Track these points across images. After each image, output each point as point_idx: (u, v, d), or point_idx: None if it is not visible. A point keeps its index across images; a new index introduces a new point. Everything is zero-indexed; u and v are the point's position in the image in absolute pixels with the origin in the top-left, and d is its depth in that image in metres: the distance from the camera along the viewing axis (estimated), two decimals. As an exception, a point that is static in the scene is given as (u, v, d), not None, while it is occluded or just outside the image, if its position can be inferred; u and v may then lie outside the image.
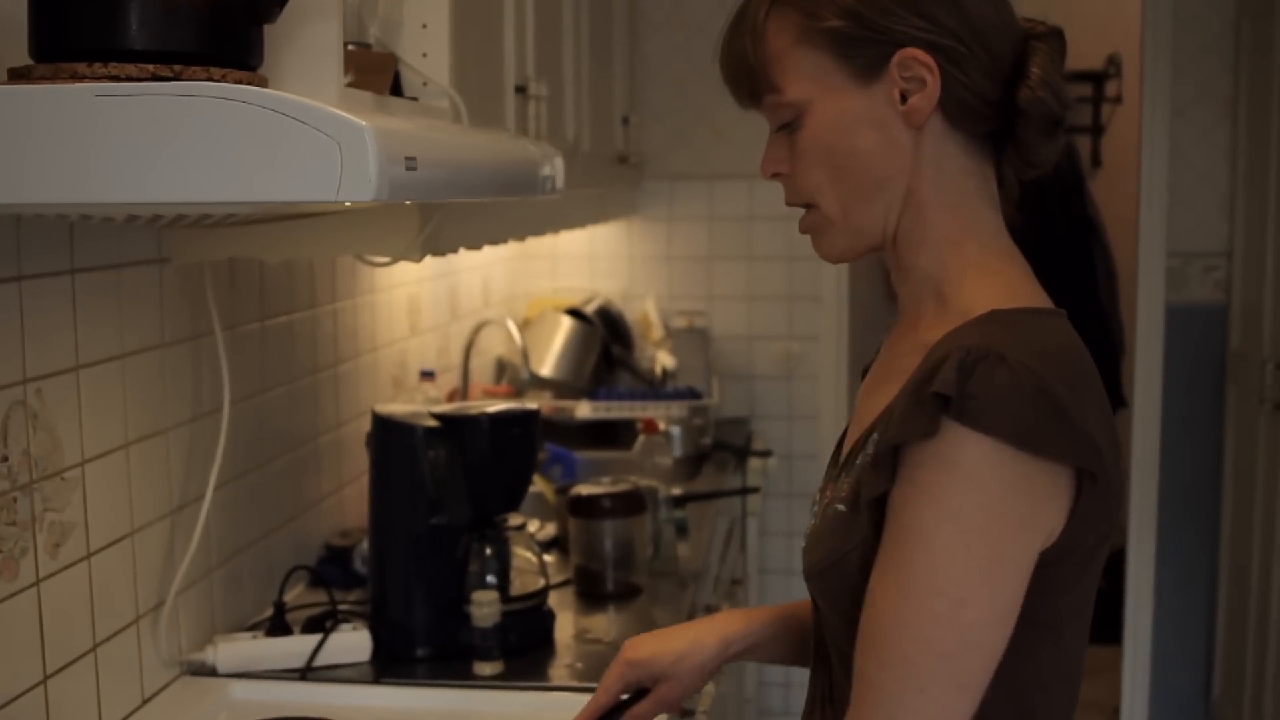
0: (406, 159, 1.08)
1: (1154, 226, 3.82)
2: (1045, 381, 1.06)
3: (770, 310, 3.97)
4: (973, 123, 1.19)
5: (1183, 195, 3.83)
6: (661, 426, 2.84)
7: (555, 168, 1.71)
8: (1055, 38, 1.21)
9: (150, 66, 1.08)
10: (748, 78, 1.25)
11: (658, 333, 3.84)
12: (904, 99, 1.18)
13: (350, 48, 1.40)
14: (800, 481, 4.02)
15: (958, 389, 1.04)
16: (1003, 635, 1.07)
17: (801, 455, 4.01)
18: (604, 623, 2.20)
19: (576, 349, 3.56)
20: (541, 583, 2.08)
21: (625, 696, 1.47)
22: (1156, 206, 3.81)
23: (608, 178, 3.17)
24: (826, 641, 1.26)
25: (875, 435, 1.16)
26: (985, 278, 1.20)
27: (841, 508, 1.19)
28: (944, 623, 1.06)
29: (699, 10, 3.86)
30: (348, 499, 2.49)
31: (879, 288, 5.15)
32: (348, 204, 1.22)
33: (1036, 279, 1.24)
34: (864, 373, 1.39)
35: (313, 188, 1.02)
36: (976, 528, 1.06)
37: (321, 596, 2.11)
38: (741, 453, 3.54)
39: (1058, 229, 4.92)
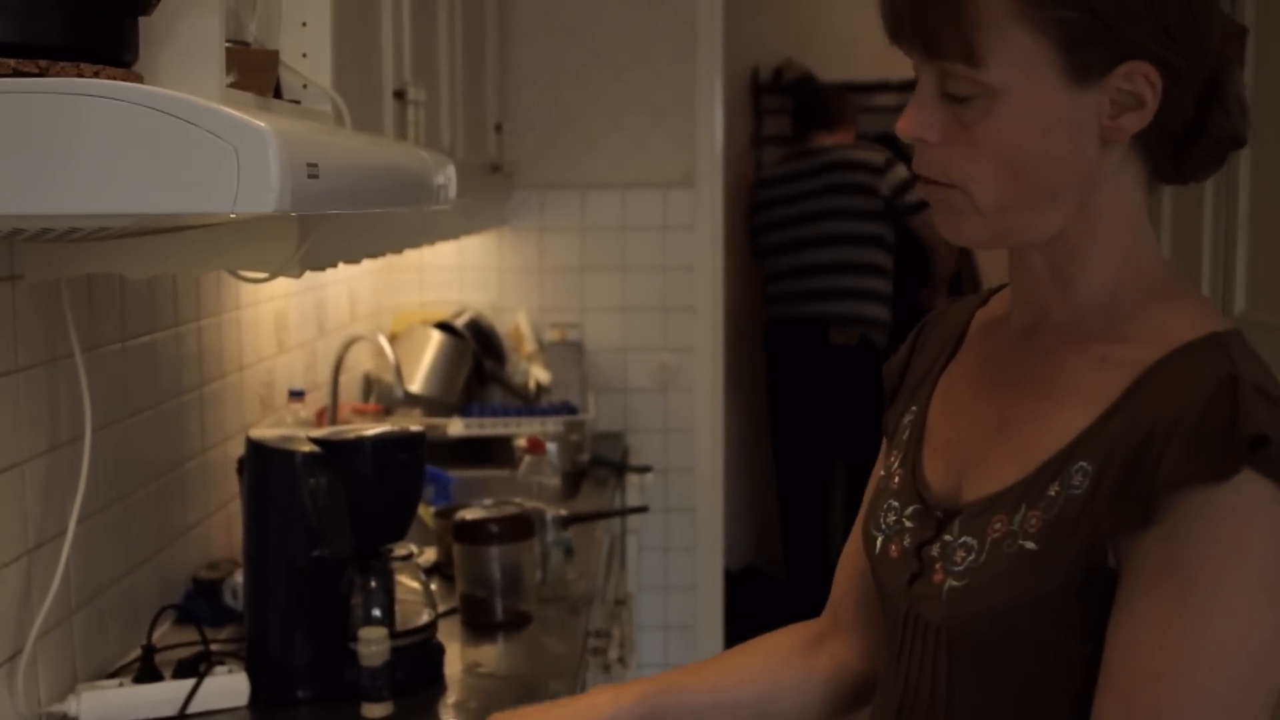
0: (309, 166, 0.98)
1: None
2: None
3: (645, 322, 3.89)
4: (1163, 143, 1.09)
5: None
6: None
7: (448, 176, 1.62)
8: (1241, 39, 1.10)
9: (11, 61, 0.96)
10: (939, 30, 1.05)
11: (530, 346, 3.75)
12: (1113, 112, 1.06)
13: (229, 45, 1.29)
14: (677, 496, 3.95)
15: (1273, 431, 0.96)
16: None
17: (678, 469, 3.94)
18: (494, 654, 2.10)
19: (447, 364, 3.44)
20: (428, 615, 1.97)
21: None
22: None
23: (481, 187, 3.07)
24: (944, 699, 1.13)
25: (1086, 465, 1.04)
26: (1174, 295, 1.11)
27: (1030, 545, 1.06)
28: (1250, 689, 0.98)
29: (569, 17, 3.78)
30: (215, 528, 2.35)
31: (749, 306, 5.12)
32: (233, 215, 1.11)
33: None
34: (902, 368, 1.31)
35: (206, 198, 0.91)
36: (1276, 584, 0.97)
37: (191, 634, 1.97)
38: (620, 468, 3.46)
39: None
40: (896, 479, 1.25)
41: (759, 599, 4.97)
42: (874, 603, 1.29)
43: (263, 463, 1.89)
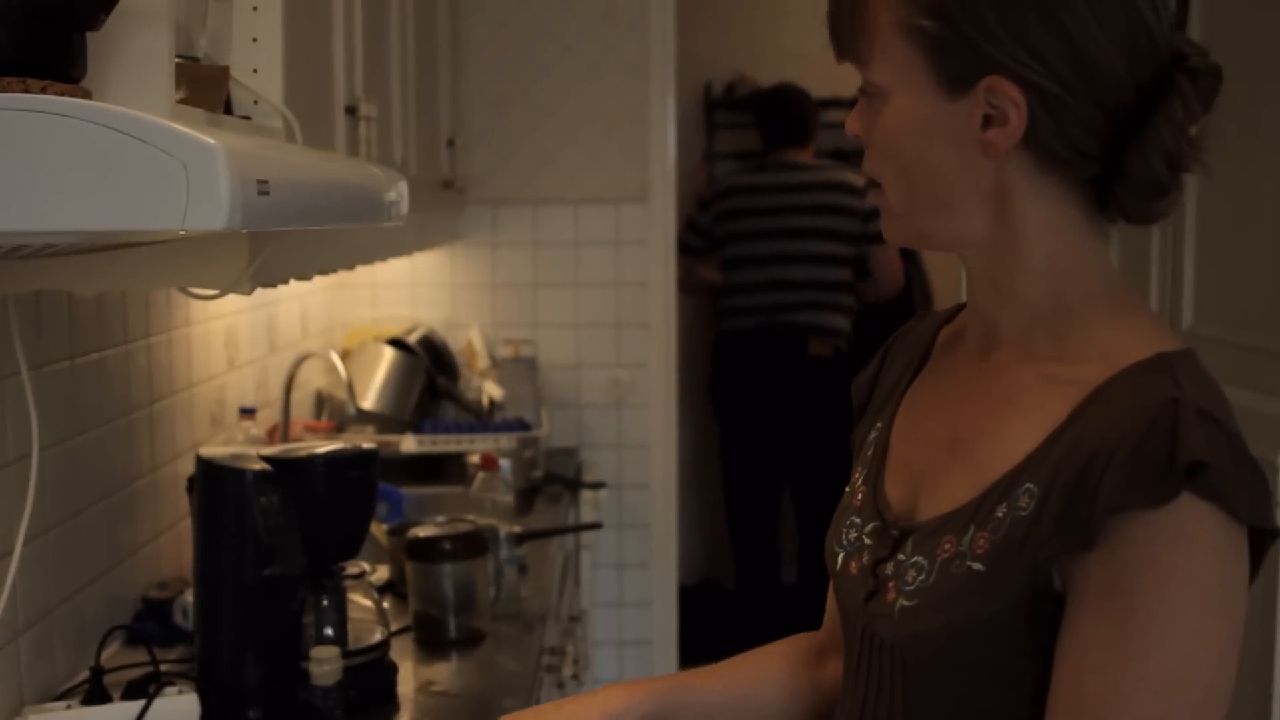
0: (259, 182, 0.97)
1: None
2: (1244, 442, 1.00)
3: (598, 338, 3.89)
4: (1063, 170, 1.08)
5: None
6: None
7: (400, 193, 1.61)
8: (1208, 78, 1.05)
9: (-44, 77, 0.95)
10: (842, 34, 1.14)
11: (483, 362, 3.73)
12: (986, 126, 1.07)
13: (179, 61, 1.28)
14: (631, 512, 3.95)
15: (1210, 456, 0.96)
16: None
17: (632, 485, 3.94)
18: (448, 672, 2.09)
19: (399, 381, 3.43)
20: (381, 633, 1.96)
21: None
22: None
23: (433, 203, 3.06)
24: (901, 716, 1.14)
25: (1032, 486, 1.04)
26: (1123, 313, 1.11)
27: (978, 566, 1.05)
28: (1198, 713, 0.98)
29: (522, 32, 3.78)
30: (165, 547, 2.32)
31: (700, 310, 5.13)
32: (182, 232, 1.10)
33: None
34: (871, 384, 1.31)
35: (155, 215, 0.90)
36: (1220, 606, 0.98)
37: (140, 655, 1.95)
38: (573, 485, 3.45)
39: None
40: (859, 496, 1.25)
41: (714, 614, 4.96)
42: None
43: (213, 481, 1.87)
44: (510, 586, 2.34)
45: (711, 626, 4.68)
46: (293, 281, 1.89)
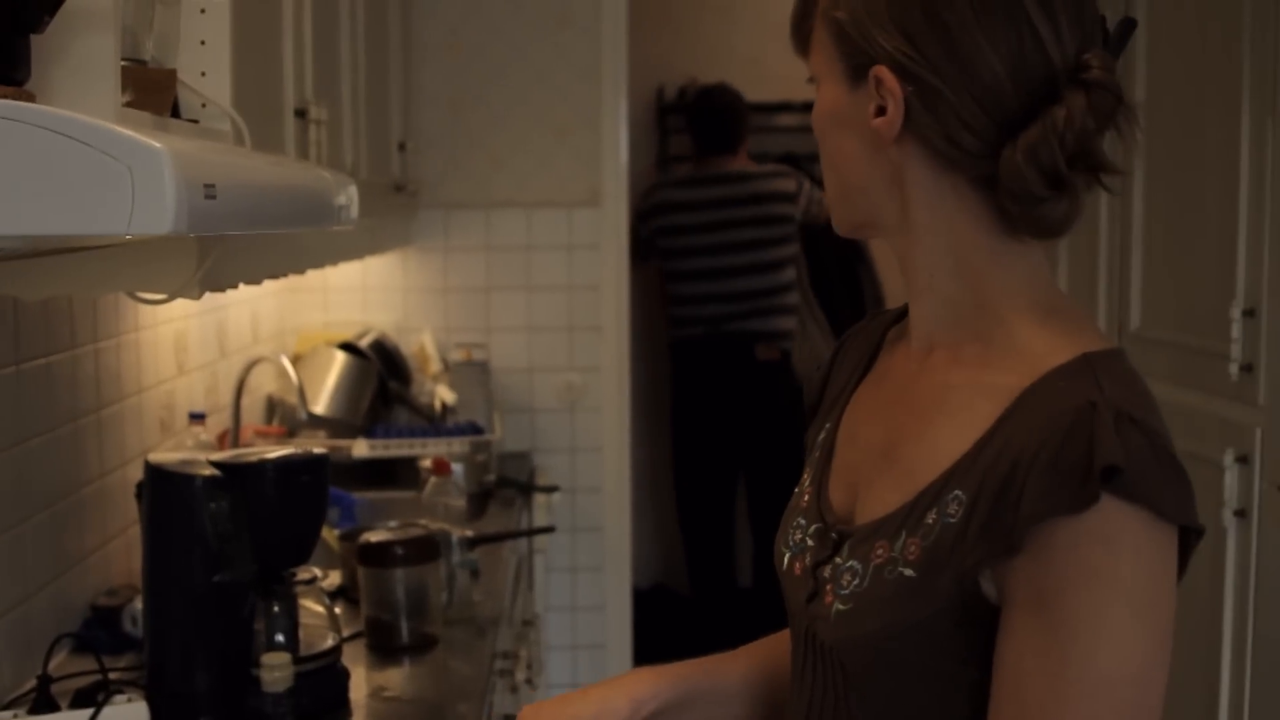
0: (205, 186, 0.96)
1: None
2: (1170, 441, 1.01)
3: (551, 341, 3.89)
4: (953, 167, 1.10)
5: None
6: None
7: (350, 197, 1.60)
8: (1103, 93, 1.04)
9: (-103, 79, 0.94)
10: (794, 29, 1.21)
11: (436, 366, 3.72)
12: (878, 115, 1.10)
13: (125, 64, 1.27)
14: (584, 515, 3.95)
15: (1125, 459, 0.97)
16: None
17: (585, 489, 3.94)
18: (400, 678, 2.08)
19: (351, 385, 3.41)
20: (332, 639, 1.95)
21: None
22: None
23: (385, 207, 3.05)
24: (845, 717, 1.14)
25: (960, 493, 1.05)
26: (1047, 314, 1.11)
27: (909, 572, 1.06)
28: (1134, 712, 0.99)
29: (474, 36, 3.77)
30: (113, 554, 2.30)
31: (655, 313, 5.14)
32: (128, 236, 1.09)
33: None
34: (822, 385, 1.32)
35: (100, 220, 0.90)
36: (1148, 605, 0.99)
37: (88, 663, 1.93)
38: (527, 489, 3.45)
39: (827, 256, 5.00)
40: (806, 497, 1.26)
41: (668, 617, 4.97)
42: None
43: (162, 487, 1.86)
44: (463, 591, 2.34)
45: (666, 629, 4.69)
46: (242, 286, 1.88)
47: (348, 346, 3.47)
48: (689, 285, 4.71)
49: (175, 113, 1.49)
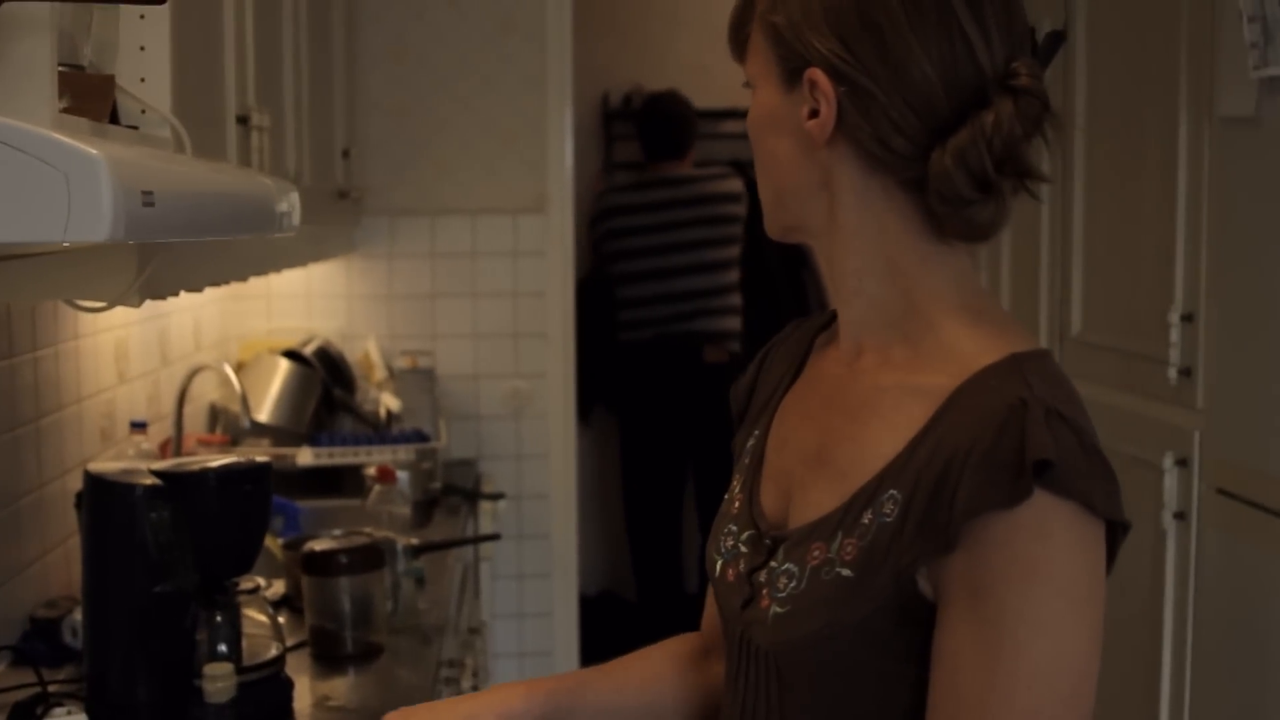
0: (143, 193, 0.96)
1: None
2: (1096, 439, 1.03)
3: (496, 348, 3.89)
4: (884, 170, 1.11)
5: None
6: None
7: (291, 203, 1.59)
8: (1030, 99, 1.07)
9: None
10: (734, 33, 1.22)
11: (380, 374, 3.71)
12: (808, 116, 1.12)
13: (62, 69, 1.25)
14: (530, 522, 3.94)
15: (1056, 454, 0.99)
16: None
17: (531, 495, 3.93)
18: (345, 687, 2.07)
19: (295, 393, 3.39)
20: (276, 649, 1.93)
21: None
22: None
23: (328, 213, 3.03)
24: (775, 717, 1.15)
25: (895, 493, 1.06)
26: (976, 315, 1.13)
27: (847, 572, 1.08)
28: (1070, 702, 1.01)
29: (418, 42, 3.77)
30: (52, 566, 2.28)
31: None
32: (65, 244, 1.08)
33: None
34: (749, 391, 1.32)
35: (35, 227, 0.89)
36: (1081, 597, 1.01)
37: (27, 675, 1.91)
38: (472, 496, 3.44)
39: (771, 258, 5.02)
40: (737, 504, 1.27)
41: (615, 624, 4.96)
42: None
43: (101, 497, 1.84)
44: (408, 599, 2.33)
45: (613, 636, 4.68)
46: (184, 293, 1.87)
47: (292, 354, 3.45)
48: (636, 287, 4.74)
49: (114, 119, 1.48)
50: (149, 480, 1.82)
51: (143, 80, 1.53)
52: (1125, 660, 2.55)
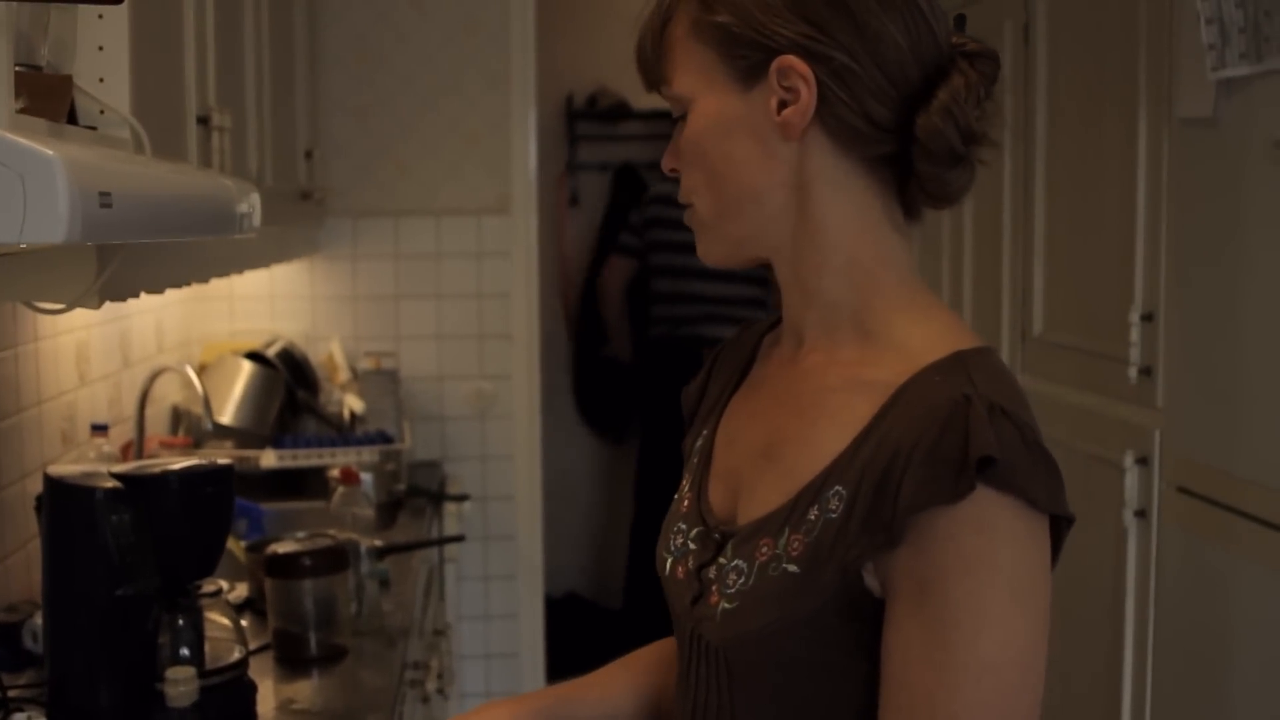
0: (100, 194, 0.95)
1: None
2: (1039, 433, 1.04)
3: (461, 349, 3.88)
4: (860, 146, 1.13)
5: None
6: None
7: (252, 204, 1.59)
8: (986, 60, 1.14)
9: None
10: (646, 63, 1.21)
11: (344, 375, 3.69)
12: (781, 109, 1.12)
13: (19, 69, 1.24)
14: (496, 524, 3.93)
15: (999, 450, 1.00)
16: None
17: (496, 497, 3.93)
18: (309, 690, 2.06)
19: (258, 395, 3.37)
20: (239, 652, 1.92)
21: None
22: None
23: (290, 214, 3.02)
24: (729, 717, 1.16)
25: (841, 489, 1.07)
26: (923, 313, 1.15)
27: (793, 568, 1.08)
28: (1018, 693, 1.02)
29: (381, 42, 3.76)
30: (13, 570, 2.26)
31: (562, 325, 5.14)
32: (22, 245, 1.07)
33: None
34: (700, 393, 1.32)
35: (-9, 227, 0.88)
36: (1026, 590, 1.02)
37: (-13, 681, 1.89)
38: (437, 498, 3.43)
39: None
40: (686, 502, 1.28)
41: (581, 626, 4.96)
42: None
43: (61, 500, 1.82)
44: (372, 601, 2.32)
45: (579, 638, 4.68)
46: (144, 295, 1.86)
47: (254, 356, 3.43)
48: (661, 281, 4.81)
49: (73, 119, 1.47)
50: (110, 483, 1.81)
51: (101, 80, 1.52)
52: (1087, 656, 2.57)
